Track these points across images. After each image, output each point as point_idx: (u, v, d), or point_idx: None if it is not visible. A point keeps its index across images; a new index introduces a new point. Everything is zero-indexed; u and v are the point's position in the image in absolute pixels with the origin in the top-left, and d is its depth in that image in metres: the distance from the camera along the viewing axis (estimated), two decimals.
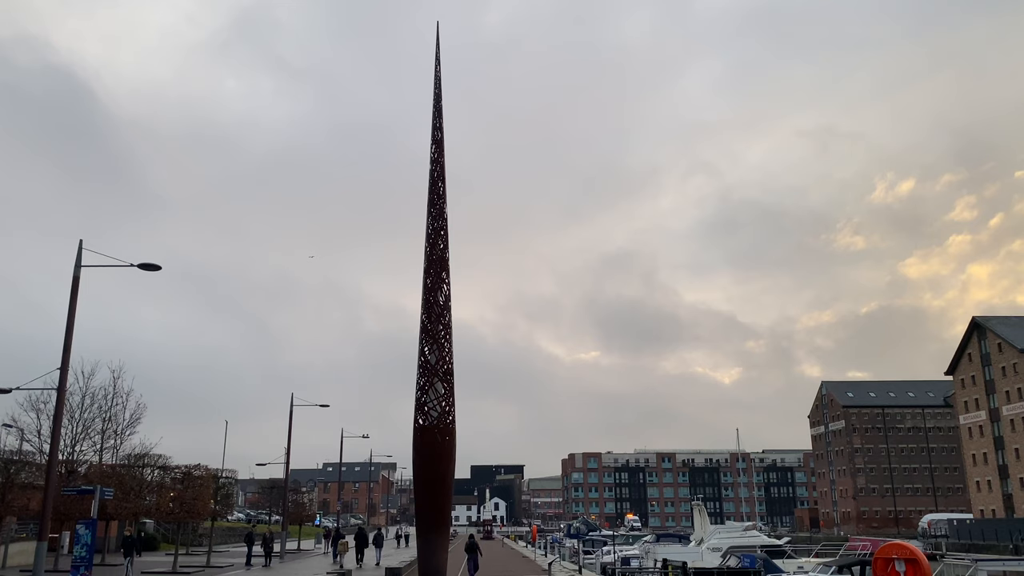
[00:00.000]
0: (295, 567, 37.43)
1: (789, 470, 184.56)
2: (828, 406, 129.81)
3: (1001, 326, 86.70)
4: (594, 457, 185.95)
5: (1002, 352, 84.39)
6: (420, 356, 28.83)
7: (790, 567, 35.58)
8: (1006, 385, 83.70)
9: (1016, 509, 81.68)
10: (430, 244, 29.34)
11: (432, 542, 28.19)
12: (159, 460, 39.25)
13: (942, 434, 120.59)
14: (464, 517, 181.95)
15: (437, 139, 30.13)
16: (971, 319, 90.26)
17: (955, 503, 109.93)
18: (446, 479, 28.51)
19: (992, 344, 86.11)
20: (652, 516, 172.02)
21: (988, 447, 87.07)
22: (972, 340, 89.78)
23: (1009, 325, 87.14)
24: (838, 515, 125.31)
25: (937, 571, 23.85)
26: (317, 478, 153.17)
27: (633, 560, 43.44)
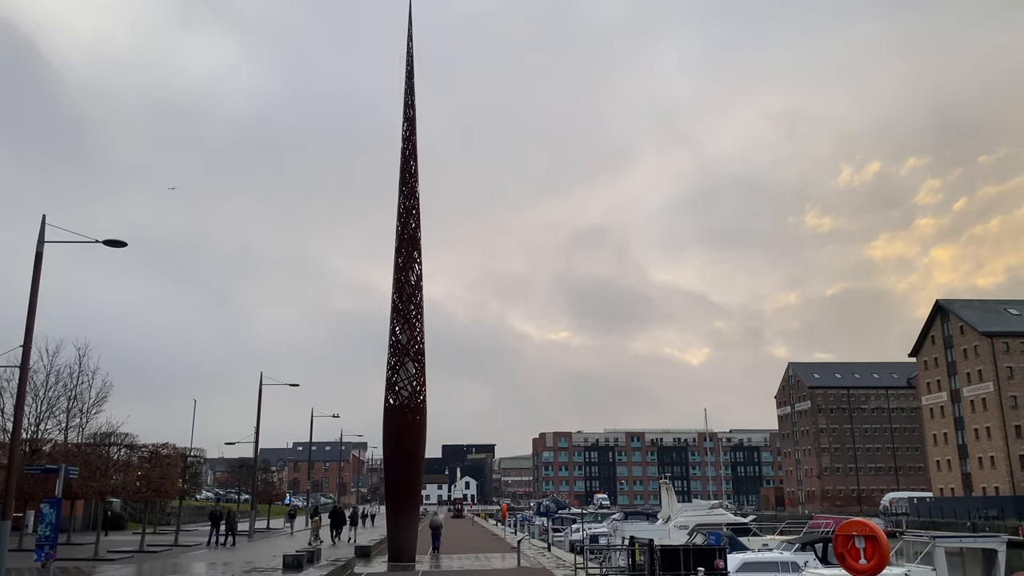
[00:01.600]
0: (263, 546, 37.38)
1: (756, 449, 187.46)
2: (795, 387, 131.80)
3: (964, 309, 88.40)
4: (564, 436, 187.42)
5: (964, 335, 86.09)
6: (391, 336, 28.80)
7: (755, 544, 36.24)
8: (967, 367, 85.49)
9: (974, 488, 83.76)
10: (402, 223, 29.22)
11: (402, 520, 28.34)
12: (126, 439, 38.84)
13: (905, 415, 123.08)
14: (435, 496, 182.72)
15: (409, 117, 29.92)
16: (935, 302, 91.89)
17: (916, 482, 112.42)
18: (416, 458, 28.62)
19: (955, 327, 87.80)
20: (621, 494, 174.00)
21: (949, 427, 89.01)
22: (936, 323, 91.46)
23: (972, 308, 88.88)
24: (803, 494, 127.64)
25: (896, 548, 24.41)
26: (287, 457, 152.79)
27: (601, 538, 43.91)
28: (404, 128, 29.90)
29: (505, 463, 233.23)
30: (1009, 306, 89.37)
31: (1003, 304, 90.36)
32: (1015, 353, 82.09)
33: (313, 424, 62.78)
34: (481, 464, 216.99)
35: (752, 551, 32.24)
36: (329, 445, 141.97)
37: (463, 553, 33.79)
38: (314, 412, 62.71)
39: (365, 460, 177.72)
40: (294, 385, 51.15)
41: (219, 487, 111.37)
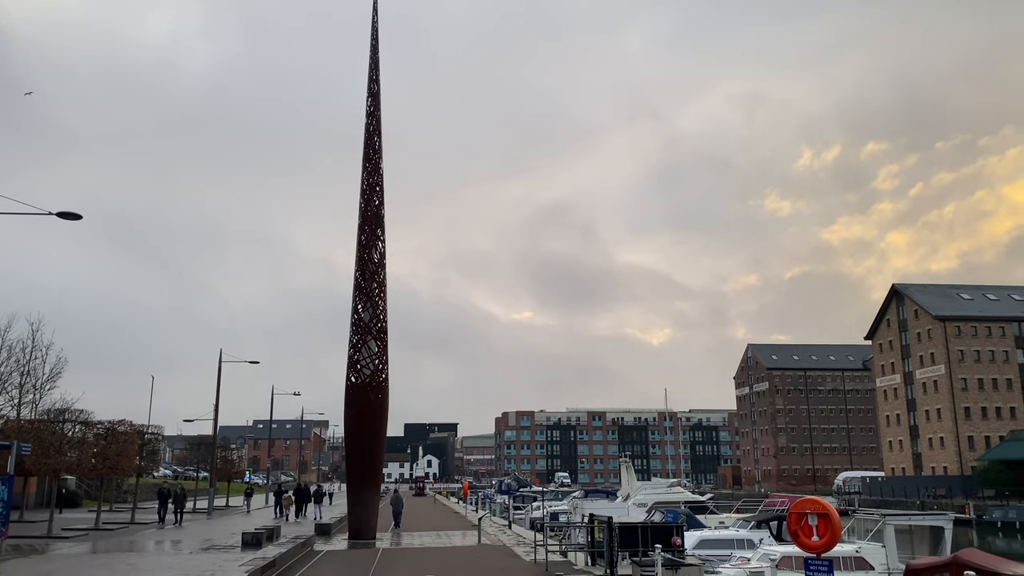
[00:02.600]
0: (221, 523, 37.10)
1: (714, 429, 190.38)
2: (753, 368, 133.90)
3: (919, 293, 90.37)
4: (527, 415, 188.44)
5: (918, 319, 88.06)
6: (354, 314, 28.59)
7: (712, 522, 36.92)
8: (920, 350, 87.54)
9: (924, 467, 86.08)
10: (365, 200, 28.92)
11: (363, 498, 28.31)
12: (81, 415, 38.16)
13: (859, 396, 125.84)
14: (397, 474, 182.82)
15: (373, 92, 29.54)
16: (891, 286, 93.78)
17: (869, 462, 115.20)
18: (378, 436, 28.56)
19: (909, 311, 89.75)
20: (582, 473, 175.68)
21: (901, 409, 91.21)
22: (891, 306, 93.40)
23: (926, 293, 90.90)
24: (759, 473, 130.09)
25: (848, 525, 25.02)
26: (247, 435, 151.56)
27: (562, 515, 44.42)
28: (368, 103, 29.52)
29: (468, 442, 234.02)
30: (961, 291, 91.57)
31: (956, 289, 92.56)
32: (966, 337, 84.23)
33: (274, 402, 62.34)
34: (443, 443, 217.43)
35: (709, 529, 32.85)
36: (290, 423, 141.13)
37: (424, 531, 33.89)
38: (275, 390, 62.25)
39: (326, 438, 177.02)
40: (254, 362, 50.73)
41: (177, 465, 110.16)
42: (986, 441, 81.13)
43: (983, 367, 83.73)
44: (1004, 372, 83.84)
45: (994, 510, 61.26)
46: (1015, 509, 59.25)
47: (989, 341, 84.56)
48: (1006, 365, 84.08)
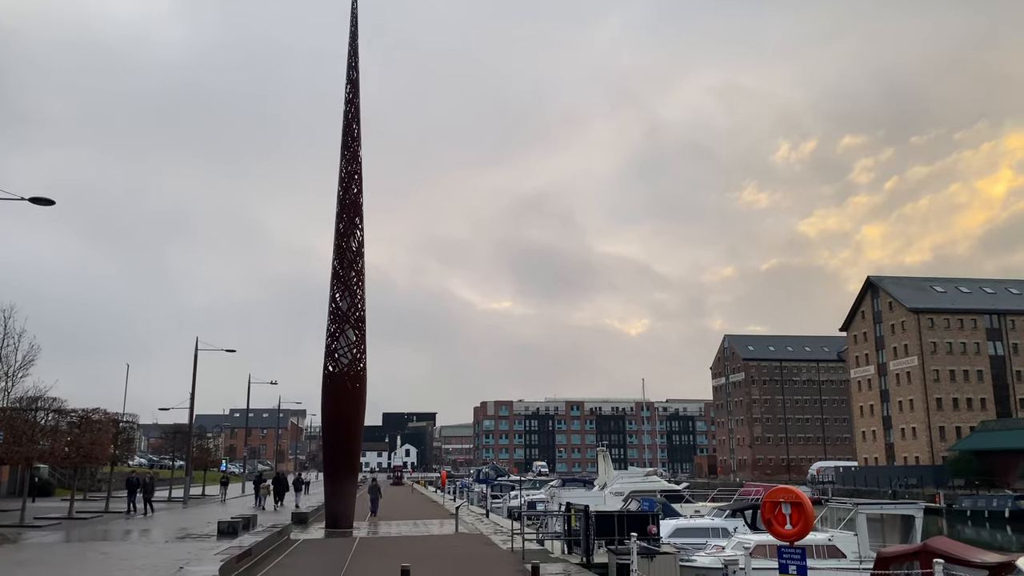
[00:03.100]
0: (197, 512, 36.90)
1: (691, 419, 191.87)
2: (730, 359, 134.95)
3: (893, 286, 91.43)
4: (505, 405, 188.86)
5: (892, 311, 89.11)
6: (331, 303, 28.45)
7: (687, 511, 37.24)
8: (894, 342, 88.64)
9: (896, 457, 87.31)
10: (343, 188, 28.74)
11: (340, 487, 28.25)
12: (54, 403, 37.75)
13: (834, 387, 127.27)
14: (375, 463, 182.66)
15: (352, 79, 29.32)
16: (866, 279, 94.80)
17: (843, 452, 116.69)
18: (355, 425, 28.49)
19: (884, 303, 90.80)
20: (560, 462, 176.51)
21: (875, 399, 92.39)
22: (866, 298, 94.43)
23: (901, 285, 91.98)
24: (735, 462, 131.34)
25: (821, 514, 25.35)
26: (224, 423, 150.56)
27: (539, 504, 44.58)
28: (347, 90, 29.31)
29: (446, 431, 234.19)
30: (935, 283, 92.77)
31: (929, 281, 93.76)
32: (939, 329, 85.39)
33: (251, 391, 61.90)
34: (422, 432, 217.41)
35: (684, 517, 33.13)
36: (267, 412, 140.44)
37: (402, 520, 33.91)
38: (251, 378, 61.82)
39: (304, 427, 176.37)
40: (231, 351, 50.25)
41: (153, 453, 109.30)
42: (957, 432, 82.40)
43: (955, 359, 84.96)
44: (975, 364, 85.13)
45: (963, 499, 62.30)
46: (984, 498, 60.29)
47: (961, 333, 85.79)
48: (977, 357, 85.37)
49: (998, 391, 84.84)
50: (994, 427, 79.49)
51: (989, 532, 51.10)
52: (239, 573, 16.15)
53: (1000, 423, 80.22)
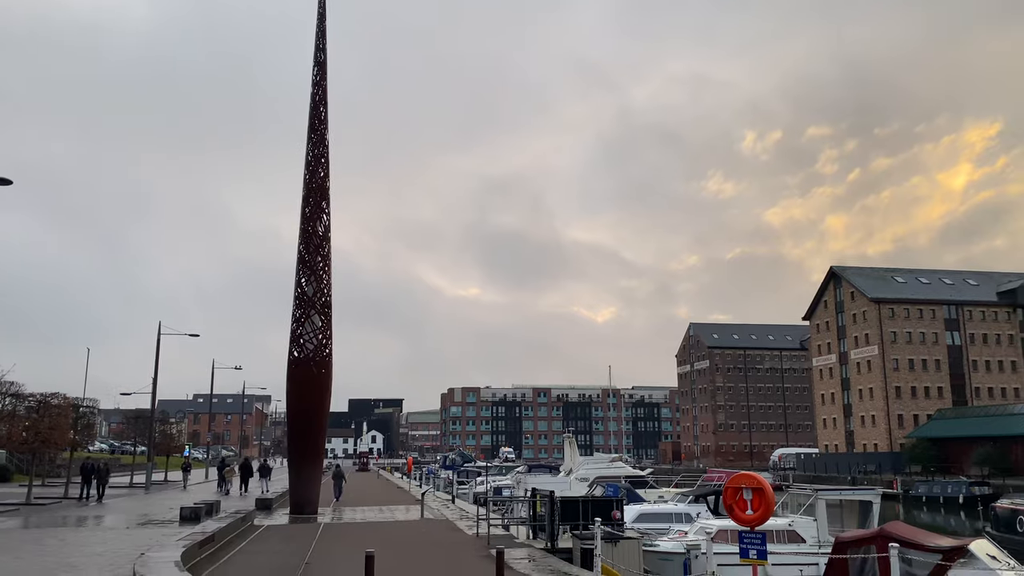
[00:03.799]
0: (159, 498, 36.49)
1: (656, 406, 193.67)
2: (695, 346, 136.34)
3: (856, 276, 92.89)
4: (473, 391, 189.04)
5: (854, 300, 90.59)
6: (297, 288, 28.16)
7: (651, 496, 37.68)
8: (856, 331, 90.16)
9: (856, 444, 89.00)
10: (310, 171, 28.41)
11: (304, 473, 28.09)
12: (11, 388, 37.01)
13: (796, 375, 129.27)
14: (340, 450, 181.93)
15: (320, 61, 28.95)
16: (829, 268, 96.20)
17: (804, 439, 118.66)
18: (321, 412, 28.30)
19: (846, 292, 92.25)
20: (526, 448, 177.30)
21: (836, 388, 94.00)
22: (829, 288, 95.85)
23: (863, 275, 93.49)
24: (699, 448, 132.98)
25: (782, 500, 25.78)
26: (187, 409, 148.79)
27: (505, 490, 44.75)
28: (315, 73, 28.93)
29: (413, 417, 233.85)
30: (896, 274, 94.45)
31: (891, 272, 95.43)
32: (899, 319, 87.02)
33: (214, 376, 61.29)
34: (388, 418, 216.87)
35: (648, 503, 33.52)
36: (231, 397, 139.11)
37: (367, 506, 33.83)
38: (215, 364, 61.19)
39: (269, 413, 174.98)
40: (194, 335, 49.74)
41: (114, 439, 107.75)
42: (915, 420, 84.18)
43: (914, 348, 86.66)
44: (933, 353, 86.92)
45: (919, 485, 63.75)
46: (939, 484, 61.75)
47: (921, 323, 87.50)
48: (935, 346, 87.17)
49: (955, 380, 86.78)
50: (950, 415, 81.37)
51: (944, 517, 52.33)
52: (202, 559, 16.01)
53: (956, 411, 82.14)
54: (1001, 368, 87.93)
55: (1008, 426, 70.36)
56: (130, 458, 61.00)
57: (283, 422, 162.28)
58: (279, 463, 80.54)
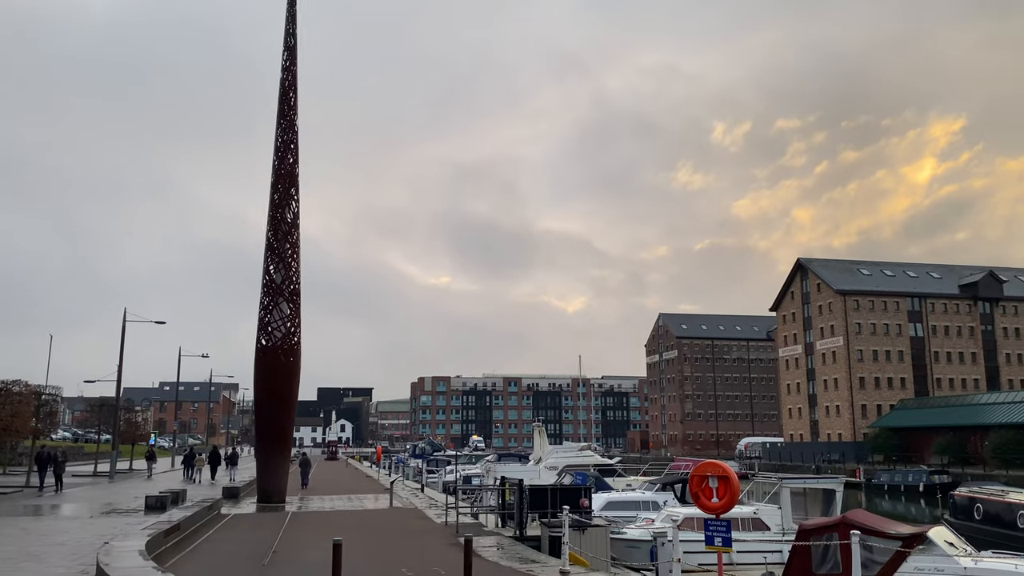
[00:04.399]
0: (124, 487, 36.07)
1: (625, 395, 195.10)
2: (664, 336, 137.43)
3: (822, 268, 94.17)
4: (443, 380, 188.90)
5: (820, 292, 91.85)
6: (265, 275, 27.88)
7: (619, 484, 37.97)
8: (821, 322, 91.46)
9: (820, 434, 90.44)
10: (279, 157, 28.11)
11: (272, 462, 27.91)
12: None
13: (763, 365, 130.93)
14: (309, 439, 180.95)
15: (290, 46, 28.61)
16: (796, 260, 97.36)
17: (770, 428, 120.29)
18: (289, 400, 28.12)
19: (812, 284, 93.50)
20: (496, 437, 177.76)
21: (801, 378, 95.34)
22: (796, 280, 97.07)
23: (829, 267, 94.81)
24: (666, 437, 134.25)
25: (747, 488, 26.12)
26: (153, 397, 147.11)
27: (474, 478, 44.83)
28: (284, 58, 28.59)
29: (383, 406, 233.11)
30: (861, 266, 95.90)
31: (856, 264, 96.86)
32: (864, 310, 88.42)
33: (181, 364, 60.54)
34: (358, 407, 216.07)
35: (616, 491, 33.78)
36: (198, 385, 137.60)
37: (336, 494, 33.72)
38: (182, 351, 60.43)
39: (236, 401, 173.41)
40: (160, 323, 49.07)
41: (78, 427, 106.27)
42: (878, 410, 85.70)
43: (878, 339, 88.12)
44: (897, 344, 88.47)
45: (882, 474, 64.96)
46: (900, 473, 62.96)
47: (885, 315, 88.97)
48: (899, 338, 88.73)
49: (917, 371, 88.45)
50: (912, 405, 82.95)
51: (904, 505, 53.39)
52: (167, 548, 15.86)
53: (917, 401, 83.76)
54: (962, 359, 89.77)
55: (967, 416, 71.91)
56: (94, 447, 60.13)
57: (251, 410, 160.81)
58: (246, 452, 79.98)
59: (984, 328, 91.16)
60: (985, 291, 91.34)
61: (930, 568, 12.76)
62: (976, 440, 68.24)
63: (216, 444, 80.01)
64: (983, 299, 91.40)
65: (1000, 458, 61.28)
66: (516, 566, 15.17)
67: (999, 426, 65.12)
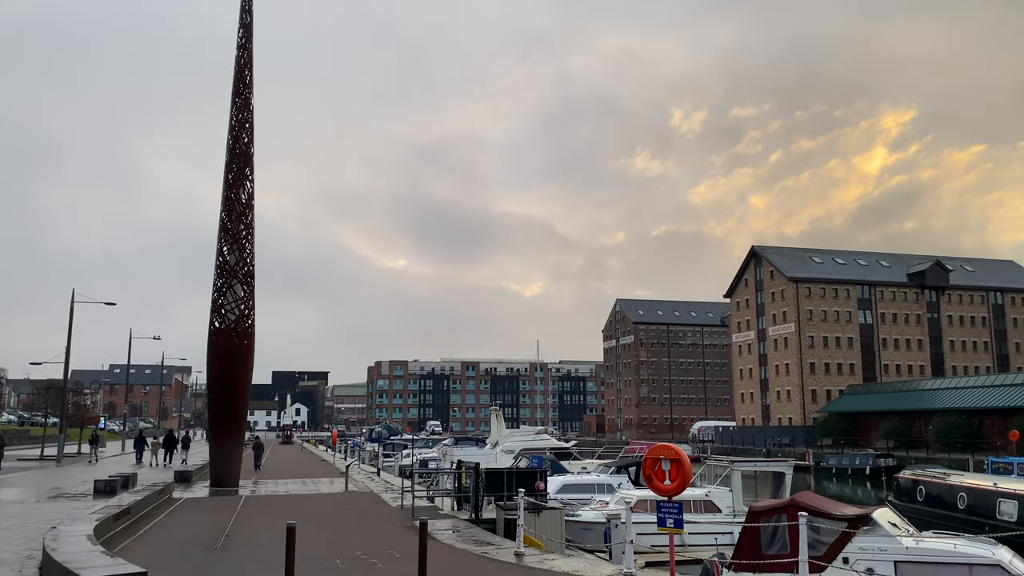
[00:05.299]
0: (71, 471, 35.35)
1: (582, 380, 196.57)
2: (620, 321, 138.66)
3: (775, 256, 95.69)
4: (400, 365, 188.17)
5: (773, 279, 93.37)
6: (219, 256, 27.42)
7: (575, 468, 38.31)
8: (774, 309, 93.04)
9: (772, 418, 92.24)
10: (233, 137, 27.60)
11: (225, 446, 27.59)
12: None
13: (717, 351, 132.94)
14: (263, 423, 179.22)
15: (246, 23, 28.06)
16: (750, 248, 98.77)
17: (723, 412, 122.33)
18: (243, 383, 27.76)
19: (766, 271, 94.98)
20: (454, 422, 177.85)
21: (754, 363, 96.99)
22: (750, 267, 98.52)
23: (782, 255, 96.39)
24: (622, 421, 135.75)
25: (699, 471, 26.58)
26: (102, 379, 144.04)
27: (431, 462, 44.87)
28: (240, 35, 28.01)
29: (339, 390, 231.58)
30: (814, 254, 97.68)
31: (808, 252, 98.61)
32: (815, 297, 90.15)
33: (131, 346, 59.38)
34: (313, 391, 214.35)
35: (572, 474, 34.08)
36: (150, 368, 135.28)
37: (290, 478, 33.48)
38: (133, 333, 59.27)
39: (189, 384, 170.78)
40: (110, 304, 47.99)
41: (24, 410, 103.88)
42: (827, 395, 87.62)
43: (829, 326, 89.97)
44: (846, 331, 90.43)
45: (830, 457, 66.52)
46: (848, 457, 64.55)
47: (835, 302, 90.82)
48: (848, 325, 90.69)
49: (866, 357, 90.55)
50: (860, 391, 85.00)
51: (851, 488, 54.74)
52: (117, 532, 15.61)
53: (865, 387, 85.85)
54: (909, 346, 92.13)
55: (913, 401, 73.95)
56: (40, 430, 58.83)
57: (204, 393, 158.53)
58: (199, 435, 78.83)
59: (930, 316, 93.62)
60: (932, 280, 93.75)
61: (873, 548, 13.12)
62: (921, 424, 70.21)
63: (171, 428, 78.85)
64: (930, 288, 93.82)
65: (943, 442, 63.18)
66: (471, 548, 15.25)
67: (943, 411, 67.08)
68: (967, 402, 67.31)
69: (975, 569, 12.53)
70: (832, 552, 13.30)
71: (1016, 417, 60.06)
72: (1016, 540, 13.01)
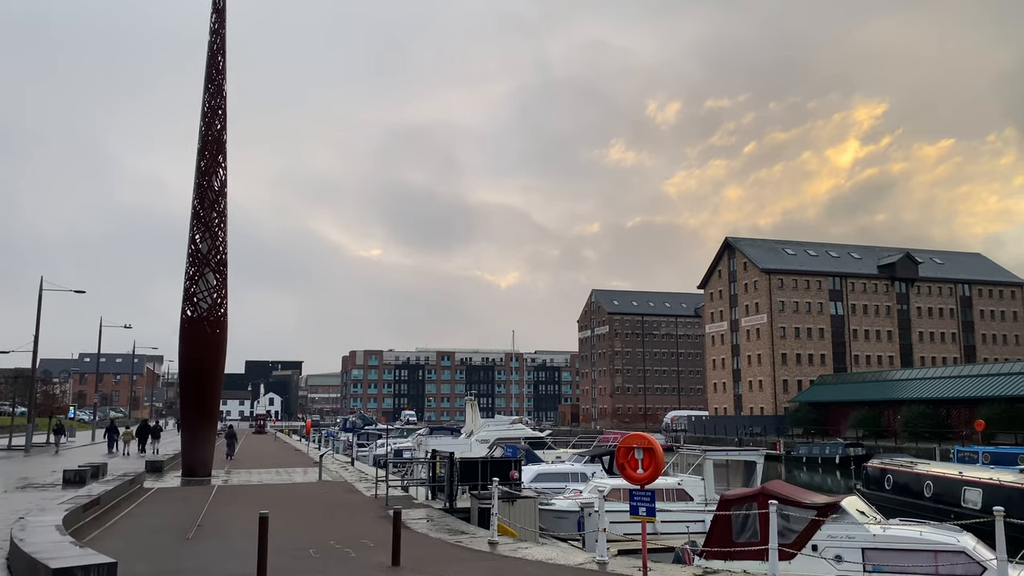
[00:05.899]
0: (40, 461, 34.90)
1: (557, 370, 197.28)
2: (595, 312, 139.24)
3: (748, 247, 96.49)
4: (375, 354, 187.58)
5: (747, 271, 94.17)
6: (191, 244, 27.12)
7: (549, 457, 38.50)
8: (747, 300, 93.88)
9: (744, 408, 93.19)
10: (206, 123, 27.26)
11: (198, 436, 27.37)
12: None
13: (690, 341, 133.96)
14: (236, 412, 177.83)
15: (218, 7, 27.68)
16: (724, 239, 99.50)
17: (696, 402, 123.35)
18: (215, 373, 27.54)
19: (739, 263, 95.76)
20: (429, 411, 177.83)
21: (727, 354, 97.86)
22: (723, 258, 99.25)
23: (755, 246, 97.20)
24: (596, 411, 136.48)
25: (672, 460, 26.83)
26: (72, 368, 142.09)
27: (406, 452, 44.83)
28: (212, 20, 27.64)
29: (313, 380, 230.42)
30: (786, 246, 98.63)
31: (781, 244, 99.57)
32: (787, 289, 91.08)
33: (102, 334, 58.64)
34: (287, 380, 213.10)
35: (546, 463, 34.24)
36: (121, 357, 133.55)
37: (264, 468, 33.31)
38: (103, 322, 58.52)
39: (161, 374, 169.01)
40: (80, 292, 47.33)
41: None
42: (799, 385, 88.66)
43: (800, 317, 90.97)
44: (818, 322, 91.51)
45: (800, 447, 67.35)
46: (818, 446, 65.41)
47: (807, 293, 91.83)
48: (820, 316, 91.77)
49: (836, 348, 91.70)
50: (830, 381, 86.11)
51: (821, 476, 55.51)
52: (86, 523, 15.45)
53: (836, 377, 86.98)
54: (879, 337, 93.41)
55: (882, 391, 75.06)
56: (8, 420, 58.00)
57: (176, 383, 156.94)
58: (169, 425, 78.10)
59: (900, 307, 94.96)
60: (902, 272, 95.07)
61: (842, 535, 13.35)
62: (890, 414, 71.30)
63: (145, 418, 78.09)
64: (900, 279, 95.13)
65: (911, 431, 64.23)
66: (445, 537, 15.28)
67: (911, 401, 68.16)
68: (935, 392, 68.46)
69: (940, 555, 12.79)
70: (801, 539, 13.51)
71: (982, 407, 61.19)
72: (980, 527, 13.29)
